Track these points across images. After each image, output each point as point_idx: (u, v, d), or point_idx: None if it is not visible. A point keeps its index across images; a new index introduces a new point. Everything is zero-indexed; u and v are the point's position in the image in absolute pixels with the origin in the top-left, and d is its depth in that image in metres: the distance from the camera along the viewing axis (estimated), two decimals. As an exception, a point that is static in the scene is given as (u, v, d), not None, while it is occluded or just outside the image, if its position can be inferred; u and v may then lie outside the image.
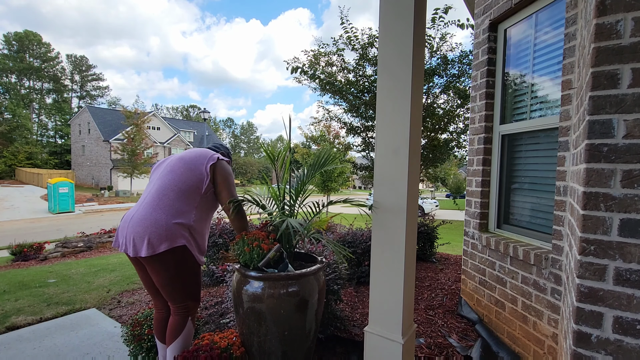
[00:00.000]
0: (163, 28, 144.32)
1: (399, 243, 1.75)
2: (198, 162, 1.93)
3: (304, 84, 6.70)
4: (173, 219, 1.78)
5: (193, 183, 1.88)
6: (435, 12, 5.56)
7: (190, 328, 1.92)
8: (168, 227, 1.75)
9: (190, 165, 1.91)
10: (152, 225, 1.74)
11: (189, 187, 1.86)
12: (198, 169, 1.90)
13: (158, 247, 1.72)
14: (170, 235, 1.75)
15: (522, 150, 2.44)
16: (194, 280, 1.89)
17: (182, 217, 1.81)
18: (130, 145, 26.44)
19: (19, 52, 46.86)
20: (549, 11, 2.15)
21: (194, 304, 1.92)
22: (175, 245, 1.75)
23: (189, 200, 1.85)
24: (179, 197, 1.83)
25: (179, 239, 1.77)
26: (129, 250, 1.76)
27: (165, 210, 1.79)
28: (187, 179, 1.87)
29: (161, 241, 1.72)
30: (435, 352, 2.30)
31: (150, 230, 1.73)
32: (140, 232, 1.73)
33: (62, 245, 7.11)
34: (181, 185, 1.86)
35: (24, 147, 39.21)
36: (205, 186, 1.89)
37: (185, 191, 1.85)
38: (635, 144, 1.14)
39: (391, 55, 1.76)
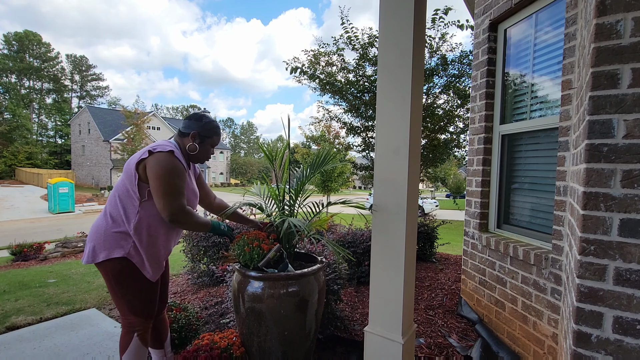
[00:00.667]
0: (163, 28, 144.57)
1: (399, 243, 1.75)
2: (131, 160, 1.66)
3: (304, 84, 6.71)
4: (112, 228, 1.63)
5: (127, 187, 1.65)
6: (436, 12, 5.56)
7: (138, 348, 1.70)
8: (107, 236, 1.62)
9: (126, 166, 1.69)
10: (95, 233, 1.65)
11: (124, 192, 1.65)
12: (129, 170, 1.65)
13: (98, 255, 1.61)
14: (108, 245, 1.61)
15: (522, 150, 2.44)
16: (138, 295, 1.69)
17: (121, 226, 1.63)
18: (130, 145, 26.44)
19: (19, 52, 46.85)
20: (549, 11, 2.15)
21: (139, 321, 1.70)
22: (112, 255, 1.60)
23: (127, 207, 1.64)
24: (116, 204, 1.65)
25: (116, 250, 1.61)
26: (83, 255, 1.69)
27: (106, 218, 1.66)
28: (122, 182, 1.67)
29: (100, 250, 1.61)
30: (435, 352, 2.30)
31: (92, 238, 1.65)
32: (88, 239, 1.68)
33: (62, 245, 7.11)
34: (118, 190, 1.67)
35: (24, 147, 39.21)
36: (137, 189, 1.62)
37: (122, 197, 1.65)
38: (635, 144, 1.14)
39: (391, 55, 1.76)
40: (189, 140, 1.78)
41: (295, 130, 34.75)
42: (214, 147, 1.93)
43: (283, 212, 2.16)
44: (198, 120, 1.81)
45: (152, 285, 1.74)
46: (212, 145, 1.87)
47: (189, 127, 1.79)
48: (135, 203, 1.63)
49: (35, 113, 48.91)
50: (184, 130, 1.80)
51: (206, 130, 1.81)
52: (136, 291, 1.68)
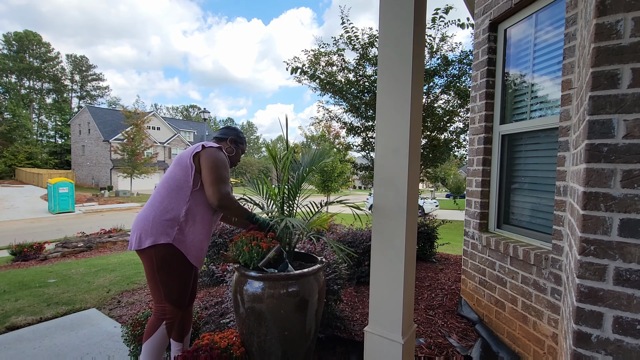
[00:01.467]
0: (164, 27, 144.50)
1: (399, 243, 1.75)
2: (185, 154, 1.88)
3: (304, 84, 6.71)
4: (161, 216, 1.77)
5: (180, 177, 1.83)
6: (436, 12, 5.56)
7: (162, 337, 1.80)
8: (155, 224, 1.76)
9: (179, 159, 1.88)
10: (142, 221, 1.79)
11: (177, 182, 1.83)
12: (184, 162, 1.85)
13: (144, 242, 1.75)
14: (155, 232, 1.75)
15: (522, 150, 2.44)
16: (177, 283, 1.82)
17: (171, 214, 1.78)
18: (130, 145, 26.43)
19: (19, 52, 46.83)
20: (549, 11, 2.15)
21: (172, 309, 1.81)
22: (158, 242, 1.74)
23: (179, 196, 1.81)
24: (169, 194, 1.81)
25: (163, 236, 1.75)
26: (130, 243, 1.83)
27: (155, 207, 1.80)
28: (175, 174, 1.84)
29: (147, 237, 1.75)
30: (435, 352, 2.30)
31: (140, 226, 1.78)
32: (135, 227, 1.81)
33: (62, 245, 7.11)
34: (170, 181, 1.84)
35: (24, 147, 39.20)
36: (192, 179, 1.82)
37: (174, 187, 1.82)
38: (635, 144, 1.14)
39: (391, 55, 1.76)
40: (227, 144, 2.10)
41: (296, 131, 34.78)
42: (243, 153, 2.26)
43: (282, 212, 2.16)
44: (233, 130, 2.17)
45: (190, 274, 1.88)
46: (242, 151, 2.20)
47: (226, 134, 2.12)
48: (187, 192, 1.81)
49: (35, 113, 48.90)
50: (221, 136, 2.11)
51: (240, 138, 2.16)
52: (175, 278, 1.80)
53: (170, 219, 1.78)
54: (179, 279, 1.82)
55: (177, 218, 1.79)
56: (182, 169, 1.84)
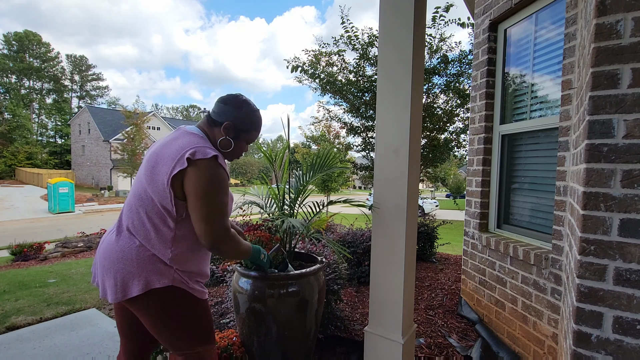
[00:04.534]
0: (166, 27, 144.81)
1: (399, 243, 1.75)
2: (160, 170, 1.22)
3: (305, 84, 6.71)
4: (144, 250, 1.23)
5: (155, 203, 1.23)
6: (436, 10, 5.55)
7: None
8: (140, 261, 1.21)
9: (152, 175, 1.24)
10: (120, 260, 1.22)
11: (152, 207, 1.24)
12: (160, 184, 1.21)
13: (130, 289, 1.20)
14: (144, 273, 1.21)
15: (522, 150, 2.44)
16: (199, 321, 1.33)
17: (155, 247, 1.24)
18: (130, 145, 26.43)
19: (19, 52, 46.84)
20: (549, 11, 2.15)
21: (209, 349, 1.36)
22: (152, 286, 1.21)
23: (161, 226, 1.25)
24: (147, 221, 1.24)
25: (156, 277, 1.22)
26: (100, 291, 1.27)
27: (132, 237, 1.24)
28: (148, 195, 1.25)
29: (134, 281, 1.20)
30: (435, 352, 2.30)
31: (117, 267, 1.21)
32: (107, 266, 1.23)
33: (62, 245, 7.11)
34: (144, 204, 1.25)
35: (24, 147, 39.20)
36: (174, 208, 1.22)
37: (151, 213, 1.24)
38: (635, 144, 1.14)
39: (391, 55, 1.76)
40: (220, 132, 1.36)
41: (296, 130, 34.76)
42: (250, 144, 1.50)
43: (283, 212, 2.16)
44: (237, 107, 1.36)
45: (206, 302, 1.39)
46: (248, 142, 1.45)
47: (224, 114, 1.35)
48: (171, 224, 1.24)
49: (35, 113, 48.91)
50: (215, 117, 1.36)
51: (244, 123, 1.38)
52: (196, 316, 1.32)
53: (155, 253, 1.24)
54: (199, 317, 1.33)
55: (165, 253, 1.25)
56: (157, 193, 1.22)
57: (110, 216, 16.23)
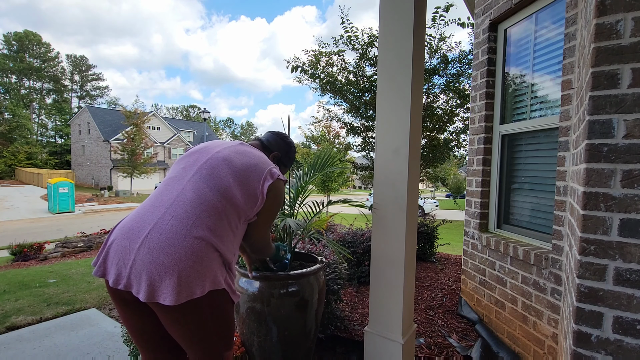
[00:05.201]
0: (166, 26, 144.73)
1: (399, 243, 1.75)
2: (253, 176, 1.31)
3: (305, 84, 6.71)
4: (214, 250, 1.18)
5: (242, 204, 1.28)
6: (436, 10, 5.56)
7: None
8: (209, 261, 1.15)
9: (242, 178, 1.30)
10: (189, 256, 1.11)
11: (235, 208, 1.26)
12: (252, 188, 1.30)
13: (193, 290, 1.10)
14: (210, 273, 1.15)
15: (522, 150, 2.44)
16: (232, 326, 1.35)
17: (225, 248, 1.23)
18: (130, 145, 26.45)
19: (19, 52, 46.88)
20: (549, 11, 2.15)
21: (229, 354, 1.35)
22: (216, 287, 1.16)
23: (230, 228, 1.26)
24: (227, 224, 1.24)
25: (218, 279, 1.18)
26: (139, 291, 1.09)
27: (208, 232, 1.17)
28: (234, 197, 1.26)
29: (200, 281, 1.12)
30: (435, 352, 2.30)
31: (184, 264, 1.09)
32: (167, 263, 1.08)
33: (62, 245, 7.12)
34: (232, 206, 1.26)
35: (24, 147, 39.22)
36: (255, 212, 1.33)
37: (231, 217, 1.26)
38: (635, 144, 1.14)
39: (391, 55, 1.76)
40: (270, 159, 1.55)
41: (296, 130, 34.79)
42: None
43: (282, 212, 2.16)
44: (287, 144, 1.62)
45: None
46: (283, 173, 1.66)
47: (276, 145, 1.59)
48: (239, 227, 1.30)
49: (35, 113, 48.94)
50: (268, 145, 1.59)
51: (287, 158, 1.63)
52: (232, 323, 1.33)
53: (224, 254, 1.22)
54: (233, 322, 1.35)
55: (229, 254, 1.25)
56: (247, 195, 1.29)
57: (110, 216, 16.23)
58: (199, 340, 1.21)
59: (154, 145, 33.17)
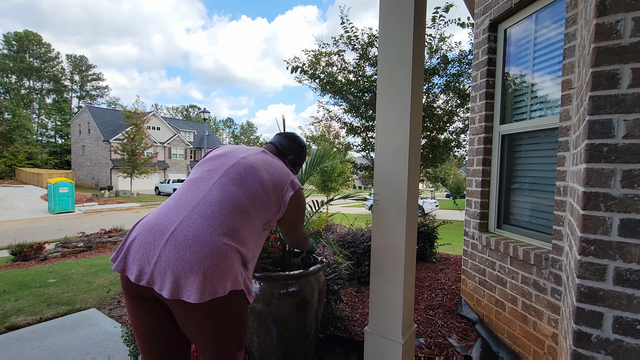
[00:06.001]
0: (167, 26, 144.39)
1: (399, 243, 1.75)
2: (278, 185, 1.39)
3: (305, 84, 6.71)
4: (236, 251, 1.21)
5: (264, 210, 1.35)
6: (436, 10, 5.56)
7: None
8: (232, 261, 1.18)
9: (268, 187, 1.36)
10: (214, 255, 1.13)
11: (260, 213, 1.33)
12: (276, 196, 1.38)
13: (217, 288, 1.12)
14: (233, 273, 1.18)
15: (522, 150, 2.44)
16: (246, 325, 1.38)
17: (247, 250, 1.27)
18: (130, 145, 26.44)
19: (19, 52, 46.87)
20: (549, 11, 2.15)
21: (241, 354, 1.37)
22: (237, 287, 1.20)
23: (252, 232, 1.32)
24: (250, 227, 1.30)
25: (238, 279, 1.21)
26: (163, 287, 1.09)
27: (234, 233, 1.21)
28: (260, 202, 1.33)
29: (223, 280, 1.14)
30: (435, 352, 2.30)
31: (209, 262, 1.11)
32: (193, 260, 1.10)
33: (62, 245, 7.12)
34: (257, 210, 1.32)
35: (24, 147, 39.22)
36: (277, 218, 1.43)
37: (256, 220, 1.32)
38: (635, 144, 1.14)
39: (391, 56, 1.76)
40: (286, 163, 1.63)
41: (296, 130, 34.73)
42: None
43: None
44: (300, 146, 1.69)
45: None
46: (295, 173, 1.72)
47: (290, 149, 1.66)
48: (260, 230, 1.37)
49: (35, 113, 48.93)
50: (282, 150, 1.65)
51: (300, 159, 1.71)
52: (246, 323, 1.37)
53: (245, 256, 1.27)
54: (246, 321, 1.38)
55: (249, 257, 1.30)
56: (272, 204, 1.36)
57: (110, 216, 16.22)
58: (216, 339, 1.21)
59: (154, 145, 33.18)
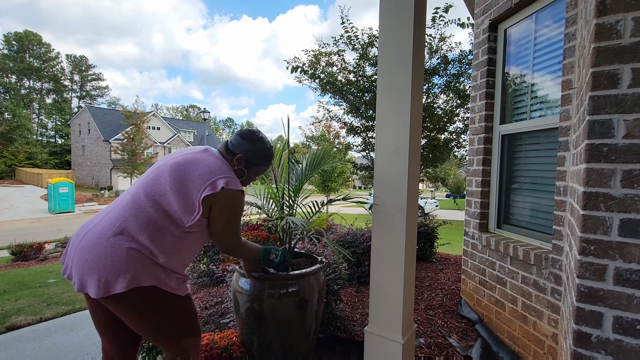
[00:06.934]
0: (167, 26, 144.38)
1: (399, 243, 1.75)
2: (192, 186, 1.34)
3: (305, 84, 6.71)
4: (136, 247, 1.26)
5: (170, 213, 1.33)
6: (436, 11, 5.55)
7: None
8: (130, 258, 1.24)
9: (181, 187, 1.34)
10: (108, 255, 1.22)
11: (163, 216, 1.32)
12: (189, 197, 1.33)
13: (113, 286, 1.21)
14: (131, 269, 1.23)
15: (522, 150, 2.44)
16: (180, 316, 1.40)
17: (149, 248, 1.29)
18: (130, 145, 26.45)
19: (19, 52, 46.88)
20: (549, 11, 2.15)
21: (193, 342, 1.44)
22: (139, 284, 1.25)
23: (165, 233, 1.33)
24: (152, 227, 1.30)
25: (144, 276, 1.26)
26: (73, 281, 1.25)
27: (131, 235, 1.27)
28: (170, 202, 1.33)
29: (118, 277, 1.22)
30: (435, 352, 2.30)
31: (102, 262, 1.22)
32: (90, 261, 1.23)
33: (62, 245, 7.12)
34: (160, 211, 1.32)
35: (24, 147, 39.22)
36: (193, 222, 1.35)
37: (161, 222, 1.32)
38: (635, 144, 1.14)
39: (391, 56, 1.76)
40: (234, 162, 1.52)
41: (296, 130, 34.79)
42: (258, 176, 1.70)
43: (282, 211, 2.16)
44: (251, 143, 1.54)
45: (188, 297, 1.46)
46: (257, 173, 1.62)
47: (239, 146, 1.53)
48: (177, 233, 1.34)
49: (35, 113, 48.94)
50: (232, 147, 1.54)
51: (256, 157, 1.55)
52: (180, 311, 1.40)
53: (148, 254, 1.29)
54: (183, 311, 1.41)
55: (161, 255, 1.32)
56: (183, 204, 1.33)
57: (110, 216, 16.20)
58: (145, 328, 1.34)
59: (154, 145, 33.17)
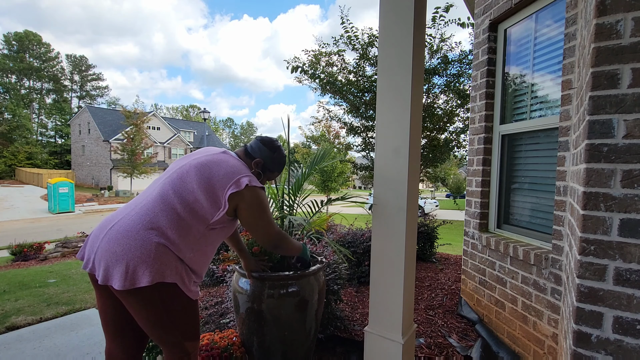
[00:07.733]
0: (167, 25, 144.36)
1: (399, 243, 1.75)
2: (218, 184, 1.40)
3: (305, 84, 6.71)
4: (165, 244, 1.31)
5: (205, 207, 1.39)
6: (436, 10, 5.56)
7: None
8: (159, 253, 1.28)
9: (208, 185, 1.40)
10: (138, 248, 1.26)
11: (191, 212, 1.37)
12: (216, 196, 1.40)
13: (139, 279, 1.24)
14: (158, 265, 1.27)
15: (522, 150, 2.44)
16: (192, 318, 1.44)
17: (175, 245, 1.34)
18: (130, 145, 26.45)
19: (19, 52, 46.88)
20: (549, 11, 2.15)
21: (194, 345, 1.46)
22: (164, 280, 1.28)
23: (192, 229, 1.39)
24: (179, 222, 1.35)
25: (169, 272, 1.30)
26: (97, 273, 1.28)
27: (161, 230, 1.31)
28: (198, 200, 1.38)
29: (145, 270, 1.25)
30: (435, 352, 2.30)
31: (132, 254, 1.25)
32: (118, 252, 1.25)
33: (62, 245, 7.12)
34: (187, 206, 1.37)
35: (24, 147, 39.22)
36: (218, 217, 1.41)
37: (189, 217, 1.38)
38: (635, 144, 1.14)
39: (391, 56, 1.76)
40: (252, 166, 1.62)
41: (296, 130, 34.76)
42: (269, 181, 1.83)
43: (282, 211, 2.16)
44: (271, 150, 1.65)
45: (196, 302, 1.48)
46: (269, 179, 1.75)
47: (259, 151, 1.64)
48: (202, 230, 1.40)
49: (35, 113, 48.95)
50: (251, 152, 1.64)
51: (272, 163, 1.66)
52: (189, 314, 1.42)
53: (175, 251, 1.34)
54: (192, 313, 1.43)
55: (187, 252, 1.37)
56: (210, 202, 1.39)
57: (110, 216, 16.20)
58: (154, 326, 1.35)
59: (154, 145, 33.17)
